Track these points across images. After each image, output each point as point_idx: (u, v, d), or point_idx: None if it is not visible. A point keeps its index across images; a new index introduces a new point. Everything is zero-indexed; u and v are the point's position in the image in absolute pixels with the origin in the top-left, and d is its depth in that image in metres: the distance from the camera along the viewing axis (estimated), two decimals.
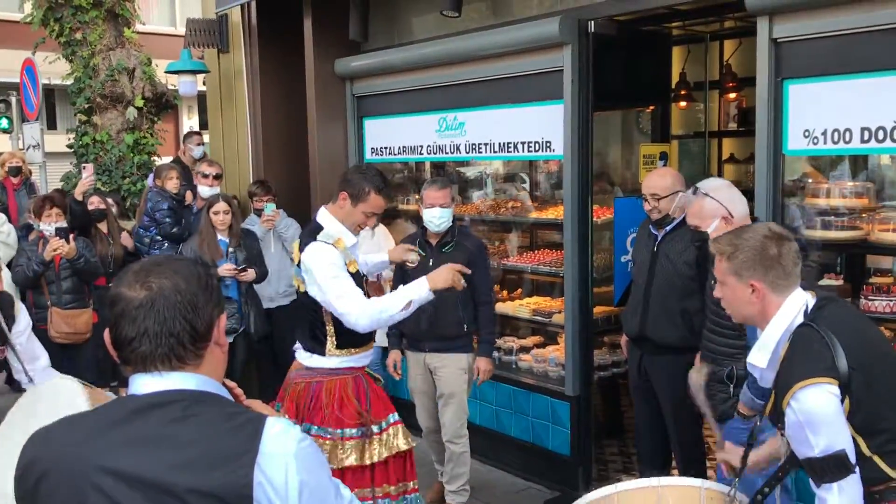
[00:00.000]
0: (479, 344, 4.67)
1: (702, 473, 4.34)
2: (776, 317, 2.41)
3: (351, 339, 3.61)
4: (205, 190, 6.32)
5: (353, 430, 3.60)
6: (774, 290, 2.40)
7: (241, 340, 5.65)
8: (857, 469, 2.22)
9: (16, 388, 6.68)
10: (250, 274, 5.60)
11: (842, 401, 2.22)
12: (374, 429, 3.66)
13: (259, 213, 6.16)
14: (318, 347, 3.65)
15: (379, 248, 5.67)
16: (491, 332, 4.70)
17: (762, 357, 2.44)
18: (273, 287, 6.15)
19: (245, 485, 1.37)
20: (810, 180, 4.22)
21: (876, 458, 2.27)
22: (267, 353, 6.16)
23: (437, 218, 4.51)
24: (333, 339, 3.61)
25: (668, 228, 4.16)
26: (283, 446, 1.43)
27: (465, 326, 4.58)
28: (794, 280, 2.43)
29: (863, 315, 2.56)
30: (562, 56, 4.73)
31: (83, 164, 6.25)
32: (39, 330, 5.65)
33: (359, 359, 3.71)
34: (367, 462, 3.62)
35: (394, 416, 3.76)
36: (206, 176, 6.37)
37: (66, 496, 1.43)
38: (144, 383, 1.49)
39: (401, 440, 3.73)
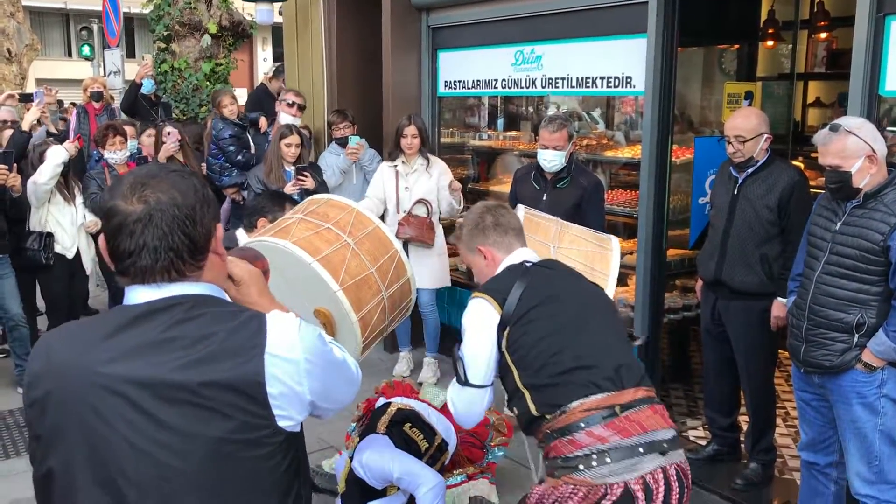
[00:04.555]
0: None
1: (771, 418, 4.30)
2: (503, 262, 2.74)
3: None
4: (286, 118, 6.20)
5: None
6: (499, 249, 2.76)
7: None
8: (470, 387, 2.56)
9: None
10: (309, 181, 5.43)
11: (502, 331, 2.52)
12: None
13: (340, 142, 6.06)
14: None
15: (437, 184, 5.56)
16: None
17: None
18: None
19: (257, 373, 1.43)
20: None
21: (525, 391, 2.48)
22: None
23: (548, 161, 4.57)
24: None
25: (749, 171, 4.03)
26: (286, 335, 1.48)
27: None
28: (513, 237, 2.77)
29: (574, 272, 2.80)
30: None
31: (167, 130, 6.04)
32: None
33: None
34: None
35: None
36: (290, 105, 6.30)
37: (76, 407, 1.43)
38: (141, 294, 1.48)
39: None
